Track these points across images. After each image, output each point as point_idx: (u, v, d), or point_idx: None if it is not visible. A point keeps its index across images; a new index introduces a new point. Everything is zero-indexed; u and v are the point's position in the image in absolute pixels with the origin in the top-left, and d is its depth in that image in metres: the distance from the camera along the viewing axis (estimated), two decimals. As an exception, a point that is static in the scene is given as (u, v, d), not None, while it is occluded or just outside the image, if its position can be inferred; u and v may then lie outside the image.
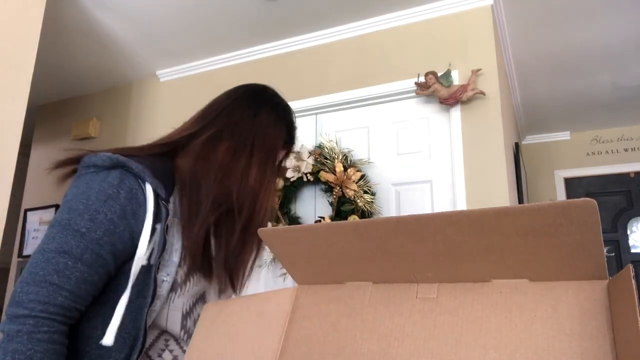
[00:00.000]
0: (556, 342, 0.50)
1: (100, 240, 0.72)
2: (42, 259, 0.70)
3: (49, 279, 0.68)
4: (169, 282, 0.79)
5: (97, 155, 0.77)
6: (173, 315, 0.82)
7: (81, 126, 3.33)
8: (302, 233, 0.66)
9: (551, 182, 4.21)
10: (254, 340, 0.70)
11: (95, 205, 0.73)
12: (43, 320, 0.67)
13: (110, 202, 0.73)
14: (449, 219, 0.54)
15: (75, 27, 2.65)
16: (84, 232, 0.71)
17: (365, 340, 0.60)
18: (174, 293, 0.81)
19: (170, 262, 0.79)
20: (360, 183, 2.29)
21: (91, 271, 0.71)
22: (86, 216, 0.72)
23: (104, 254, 0.72)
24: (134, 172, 0.76)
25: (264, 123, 0.90)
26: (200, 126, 0.89)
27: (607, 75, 3.19)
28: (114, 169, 0.76)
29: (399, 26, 2.55)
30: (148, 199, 0.76)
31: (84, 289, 0.71)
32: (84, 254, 0.71)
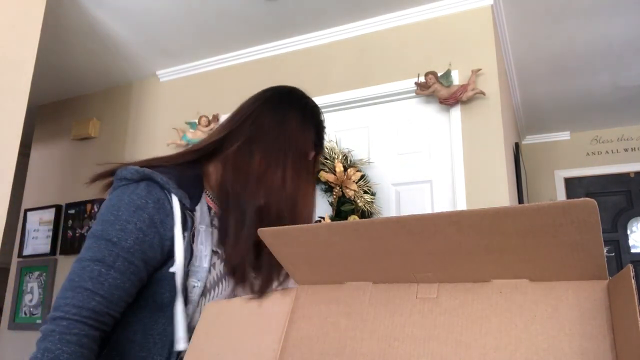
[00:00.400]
0: (556, 342, 0.50)
1: (131, 249, 0.76)
2: (78, 267, 0.75)
3: (83, 284, 0.73)
4: (200, 287, 0.83)
5: (127, 168, 0.82)
6: None
7: (81, 126, 3.33)
8: (302, 233, 0.66)
9: (551, 182, 4.21)
10: (254, 341, 0.70)
11: (125, 216, 0.77)
12: (75, 322, 0.71)
13: (139, 212, 0.78)
14: (449, 219, 0.54)
15: (75, 27, 2.65)
16: (115, 241, 0.76)
17: (365, 340, 0.60)
18: (204, 297, 0.84)
19: (200, 268, 0.83)
20: (360, 183, 2.29)
21: (123, 278, 0.75)
22: (117, 226, 0.77)
23: (135, 261, 0.76)
24: (160, 184, 0.80)
25: (293, 127, 0.92)
26: (228, 132, 0.91)
27: (607, 75, 3.19)
28: (142, 181, 0.81)
29: (399, 26, 2.54)
30: (174, 208, 0.80)
31: (117, 295, 0.75)
32: (116, 262, 0.75)
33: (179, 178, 0.83)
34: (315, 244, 0.66)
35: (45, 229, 3.21)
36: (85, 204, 3.13)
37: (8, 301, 3.21)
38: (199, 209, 0.85)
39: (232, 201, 0.86)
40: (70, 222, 3.15)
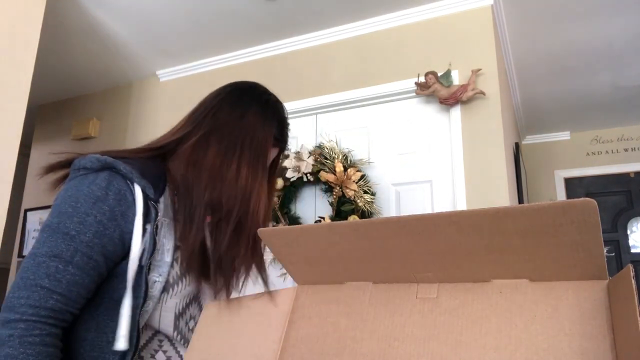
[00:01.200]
0: (556, 342, 0.50)
1: (90, 243, 0.72)
2: (33, 263, 0.70)
3: (39, 282, 0.68)
4: (162, 282, 0.79)
5: (85, 157, 0.78)
6: (166, 317, 0.82)
7: (81, 126, 3.33)
8: (302, 233, 0.66)
9: (551, 182, 4.21)
10: (254, 340, 0.70)
11: (84, 208, 0.73)
12: (34, 323, 0.67)
13: (99, 204, 0.74)
14: (449, 219, 0.54)
15: (75, 27, 2.65)
16: (73, 234, 0.71)
17: (365, 340, 0.60)
18: (166, 293, 0.80)
19: (162, 262, 0.79)
20: (360, 183, 2.29)
21: (82, 274, 0.71)
22: (75, 219, 0.72)
23: (94, 256, 0.72)
24: (122, 173, 0.76)
25: (251, 123, 0.89)
26: (189, 129, 0.89)
27: (607, 75, 3.19)
28: (102, 171, 0.76)
29: (399, 26, 2.55)
30: (137, 199, 0.76)
31: (76, 291, 0.71)
32: (74, 257, 0.71)
33: (142, 168, 0.79)
34: (315, 244, 0.66)
35: (45, 229, 3.21)
36: (85, 204, 3.13)
37: (8, 301, 3.21)
38: (162, 201, 0.81)
39: (182, 194, 0.83)
40: (70, 222, 3.15)
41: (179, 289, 0.82)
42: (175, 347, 0.84)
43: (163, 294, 0.80)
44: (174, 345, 0.84)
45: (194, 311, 0.88)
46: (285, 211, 2.49)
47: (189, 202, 0.82)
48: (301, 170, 2.37)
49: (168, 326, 0.82)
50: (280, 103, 0.98)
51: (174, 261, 0.81)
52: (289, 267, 0.73)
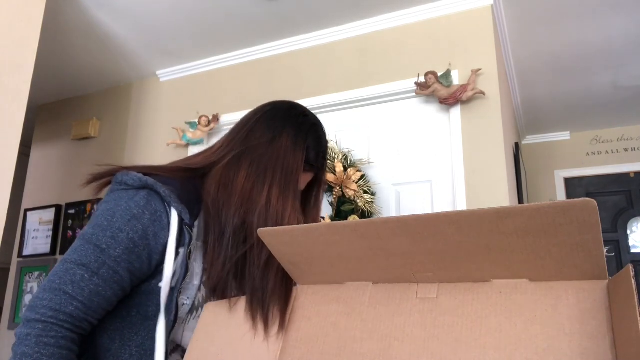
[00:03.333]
0: (556, 342, 0.50)
1: (119, 258, 0.74)
2: (62, 268, 0.73)
3: (63, 288, 0.71)
4: (189, 305, 0.81)
5: (128, 174, 0.80)
6: (187, 336, 0.84)
7: (81, 126, 3.33)
8: (302, 233, 0.66)
9: (551, 182, 4.21)
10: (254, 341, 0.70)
11: (119, 224, 0.75)
12: (52, 325, 0.69)
13: (134, 221, 0.76)
14: (449, 219, 0.54)
15: (75, 27, 2.65)
16: (104, 248, 0.74)
17: (365, 340, 0.60)
18: (190, 315, 0.83)
19: (191, 285, 0.81)
20: (360, 183, 2.29)
21: (106, 286, 0.73)
22: (109, 233, 0.74)
23: (120, 271, 0.74)
24: (162, 195, 0.78)
25: (282, 146, 0.88)
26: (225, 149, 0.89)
27: (607, 75, 3.19)
28: (142, 189, 0.78)
29: (399, 26, 2.55)
30: (172, 223, 0.77)
31: (97, 302, 0.73)
32: (101, 269, 0.73)
33: (181, 191, 0.81)
34: (315, 244, 0.66)
35: (45, 229, 3.21)
36: (85, 204, 3.13)
37: (8, 301, 3.21)
38: (197, 224, 0.83)
39: (213, 217, 0.83)
40: (70, 222, 3.16)
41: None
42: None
43: (188, 315, 0.82)
44: None
45: None
46: (285, 211, 2.49)
47: (218, 225, 0.82)
48: (301, 170, 2.37)
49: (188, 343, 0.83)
50: (317, 125, 0.96)
51: (202, 284, 0.83)
52: (289, 267, 0.73)
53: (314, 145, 0.93)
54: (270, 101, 0.97)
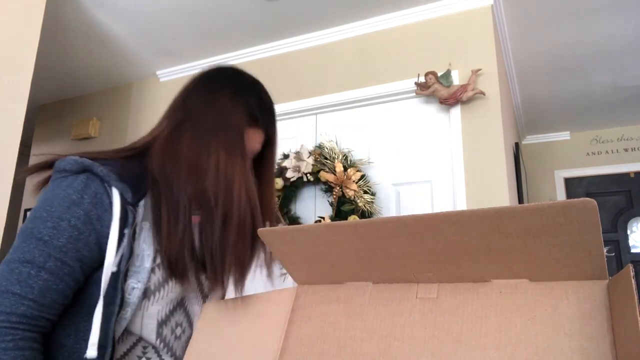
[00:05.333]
0: (556, 342, 0.50)
1: (64, 248, 0.70)
2: (6, 269, 0.69)
3: (11, 289, 0.67)
4: (140, 289, 0.76)
5: (65, 159, 0.76)
6: (148, 324, 0.79)
7: (81, 126, 3.33)
8: (302, 233, 0.66)
9: (551, 182, 4.21)
10: (254, 340, 0.70)
11: (58, 212, 0.71)
12: (6, 329, 0.66)
13: (74, 208, 0.72)
14: (449, 219, 0.54)
15: (75, 27, 2.65)
16: (46, 239, 0.70)
17: (365, 340, 0.60)
18: (147, 300, 0.77)
19: (142, 268, 0.76)
20: (360, 183, 2.29)
21: (56, 279, 0.70)
22: (49, 223, 0.71)
23: (68, 261, 0.71)
24: (100, 176, 0.74)
25: (222, 105, 0.85)
26: (165, 121, 0.88)
27: (607, 75, 3.19)
28: (81, 173, 0.75)
29: (399, 26, 2.55)
30: (114, 203, 0.73)
31: (50, 297, 0.69)
32: (47, 262, 0.69)
33: (122, 170, 0.77)
34: (315, 244, 0.66)
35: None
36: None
37: (8, 301, 3.21)
38: (142, 204, 0.78)
39: (163, 189, 0.79)
40: (70, 222, 3.15)
41: (161, 295, 0.79)
42: (159, 355, 0.81)
43: (144, 300, 0.77)
44: (159, 353, 0.81)
45: (180, 318, 0.84)
46: (285, 211, 2.49)
47: (170, 196, 0.79)
48: (301, 170, 2.37)
49: (150, 333, 0.79)
50: (255, 81, 0.93)
51: (156, 267, 0.78)
52: (289, 267, 0.73)
53: (256, 100, 0.89)
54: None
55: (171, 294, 0.80)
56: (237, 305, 0.77)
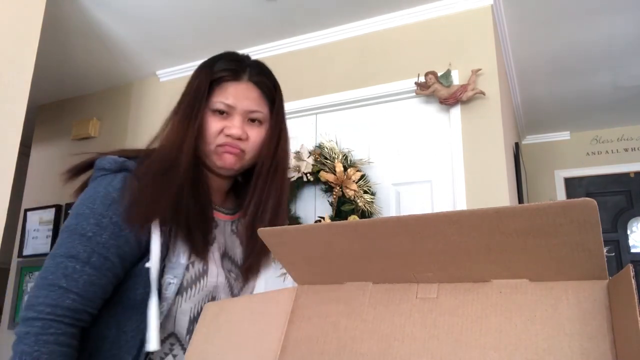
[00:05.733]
0: (556, 342, 0.50)
1: (107, 244, 0.73)
2: (52, 264, 0.73)
3: (57, 282, 0.71)
4: (176, 284, 0.79)
5: (105, 158, 0.80)
6: (181, 320, 0.82)
7: (81, 126, 3.33)
8: (302, 233, 0.66)
9: (551, 182, 4.21)
10: (254, 340, 0.70)
11: (100, 209, 0.74)
12: (50, 322, 0.69)
13: (115, 205, 0.75)
14: (449, 219, 0.54)
15: (75, 27, 2.65)
16: (90, 236, 0.73)
17: (365, 340, 0.60)
18: (180, 297, 0.80)
19: (177, 264, 0.79)
20: (360, 183, 2.29)
21: (99, 274, 0.73)
22: (92, 220, 0.74)
23: (110, 257, 0.74)
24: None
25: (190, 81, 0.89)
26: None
27: (607, 75, 3.19)
28: (120, 172, 0.78)
29: (399, 26, 2.55)
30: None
31: (92, 291, 0.72)
32: (91, 257, 0.72)
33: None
34: (315, 244, 0.66)
35: (45, 229, 3.21)
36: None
37: (8, 301, 3.21)
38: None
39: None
40: (70, 222, 3.15)
41: (194, 292, 0.82)
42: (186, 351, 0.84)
43: (177, 296, 0.80)
44: (185, 349, 0.83)
45: None
46: (285, 211, 2.49)
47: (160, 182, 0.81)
48: (301, 170, 2.37)
49: (182, 329, 0.82)
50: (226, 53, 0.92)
51: (190, 264, 0.80)
52: (289, 267, 0.73)
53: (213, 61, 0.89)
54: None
55: (202, 292, 0.83)
56: (237, 305, 0.77)
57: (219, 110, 0.85)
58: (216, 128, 0.84)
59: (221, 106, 0.85)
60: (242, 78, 0.87)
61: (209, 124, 0.84)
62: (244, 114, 0.86)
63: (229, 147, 0.85)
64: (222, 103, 0.85)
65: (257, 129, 0.88)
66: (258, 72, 0.90)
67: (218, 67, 0.87)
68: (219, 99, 0.85)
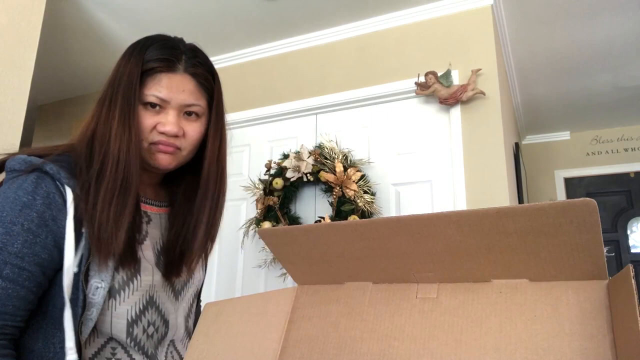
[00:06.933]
0: (556, 342, 0.50)
1: (20, 253, 0.67)
2: None
3: None
4: (105, 288, 0.72)
5: (15, 158, 0.73)
6: (117, 323, 0.76)
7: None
8: (302, 233, 0.66)
9: (551, 182, 4.21)
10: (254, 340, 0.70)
11: (10, 217, 0.68)
12: None
13: (26, 210, 0.69)
14: (449, 219, 0.54)
15: (75, 27, 2.65)
16: (0, 247, 0.67)
17: (365, 340, 0.60)
18: (113, 300, 0.74)
19: (105, 266, 0.73)
20: (360, 183, 2.29)
21: (15, 286, 0.67)
22: (1, 230, 0.67)
23: (26, 267, 0.68)
24: (50, 174, 0.71)
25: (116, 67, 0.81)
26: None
27: (607, 75, 3.19)
28: (31, 172, 0.71)
29: (399, 26, 2.55)
30: (68, 201, 0.71)
31: (12, 305, 0.67)
32: (4, 270, 0.66)
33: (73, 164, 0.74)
34: (315, 244, 0.66)
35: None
36: (85, 204, 3.13)
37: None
38: None
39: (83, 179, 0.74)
40: (70, 222, 3.15)
41: (127, 294, 0.76)
42: (130, 355, 0.78)
43: (110, 300, 0.74)
44: (129, 352, 0.78)
45: (153, 316, 0.80)
46: (285, 211, 2.49)
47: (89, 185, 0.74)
48: (301, 170, 2.37)
49: (121, 333, 0.76)
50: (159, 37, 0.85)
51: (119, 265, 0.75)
52: (289, 267, 0.73)
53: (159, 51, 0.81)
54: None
55: (138, 292, 0.77)
56: (237, 304, 0.77)
57: (150, 104, 0.78)
58: (149, 124, 0.78)
59: (153, 99, 0.78)
60: (177, 69, 0.80)
61: (141, 119, 0.77)
62: (180, 108, 0.80)
63: (162, 146, 0.79)
64: (154, 96, 0.78)
65: (194, 124, 0.82)
66: (194, 62, 0.84)
67: (150, 55, 0.80)
68: (151, 91, 0.78)
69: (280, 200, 2.46)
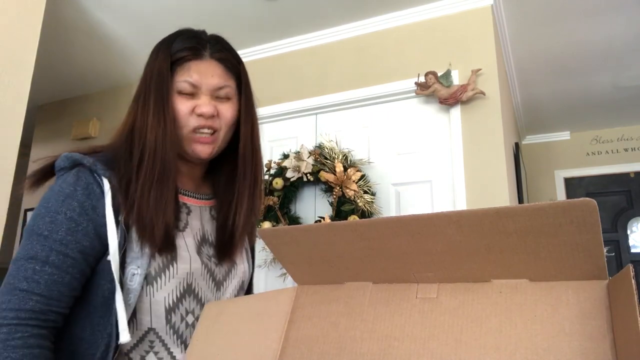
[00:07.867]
0: (556, 342, 0.50)
1: (64, 240, 0.72)
2: (14, 268, 0.72)
3: (18, 286, 0.70)
4: (141, 274, 0.76)
5: (60, 157, 0.79)
6: (156, 310, 0.79)
7: (81, 126, 3.33)
8: (302, 233, 0.66)
9: (551, 182, 4.21)
10: (254, 340, 0.70)
11: (55, 207, 0.73)
12: (16, 327, 0.67)
13: (68, 200, 0.74)
14: (449, 219, 0.54)
15: (76, 27, 2.65)
16: (46, 235, 0.72)
17: (365, 340, 0.60)
18: (150, 286, 0.77)
19: (141, 253, 0.76)
20: (360, 183, 2.29)
21: (61, 272, 0.71)
22: (47, 219, 0.73)
23: (70, 253, 0.72)
24: (87, 166, 0.76)
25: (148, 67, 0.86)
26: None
27: (607, 75, 3.19)
28: (73, 167, 0.77)
29: (399, 26, 2.55)
30: (105, 191, 0.75)
31: (57, 290, 0.71)
32: (50, 256, 0.71)
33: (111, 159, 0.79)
34: (315, 244, 0.66)
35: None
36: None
37: (8, 301, 3.21)
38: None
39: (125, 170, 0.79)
40: (70, 222, 3.15)
41: (164, 281, 0.79)
42: (167, 348, 0.80)
43: (147, 287, 0.77)
44: (166, 345, 0.80)
45: (191, 305, 0.83)
46: (285, 211, 2.49)
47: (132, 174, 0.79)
48: (301, 170, 2.37)
49: (160, 320, 0.79)
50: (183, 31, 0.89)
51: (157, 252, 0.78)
52: (289, 267, 0.73)
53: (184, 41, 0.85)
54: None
55: (175, 280, 0.80)
56: (237, 304, 0.77)
57: (184, 92, 0.82)
58: (186, 108, 0.82)
59: (186, 85, 0.82)
60: (204, 56, 0.84)
61: (177, 106, 0.81)
62: (211, 92, 0.83)
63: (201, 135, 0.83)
64: (186, 82, 0.82)
65: (227, 105, 0.86)
66: (219, 48, 0.87)
67: (176, 47, 0.84)
68: (182, 78, 0.82)
69: (280, 200, 2.46)
